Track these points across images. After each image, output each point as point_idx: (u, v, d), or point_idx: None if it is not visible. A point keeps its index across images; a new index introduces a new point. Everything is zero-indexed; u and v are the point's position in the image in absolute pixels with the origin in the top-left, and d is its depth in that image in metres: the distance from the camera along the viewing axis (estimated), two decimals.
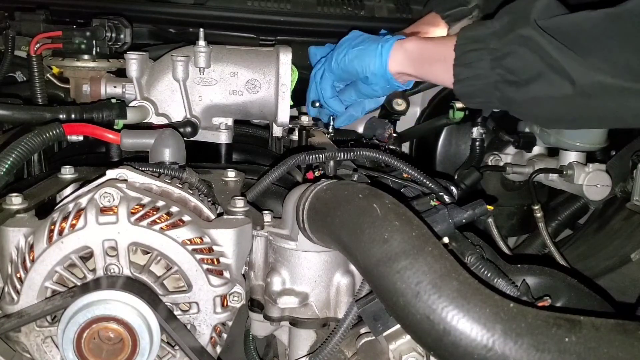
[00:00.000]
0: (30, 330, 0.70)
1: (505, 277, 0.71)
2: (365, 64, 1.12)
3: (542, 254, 1.54)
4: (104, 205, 0.68)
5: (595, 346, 0.52)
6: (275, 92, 1.17)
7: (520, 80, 0.88)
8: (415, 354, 0.70)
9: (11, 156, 0.75)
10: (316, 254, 0.79)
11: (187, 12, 1.45)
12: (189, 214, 0.73)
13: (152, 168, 0.81)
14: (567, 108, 0.88)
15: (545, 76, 0.85)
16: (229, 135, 1.18)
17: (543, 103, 0.88)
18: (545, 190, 1.57)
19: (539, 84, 0.86)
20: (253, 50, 1.19)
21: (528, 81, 0.87)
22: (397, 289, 0.55)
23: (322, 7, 1.50)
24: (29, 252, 0.68)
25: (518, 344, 0.51)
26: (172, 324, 0.68)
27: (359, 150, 0.89)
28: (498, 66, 0.89)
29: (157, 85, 1.14)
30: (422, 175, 0.87)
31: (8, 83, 1.33)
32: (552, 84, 0.84)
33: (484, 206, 0.74)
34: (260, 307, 0.82)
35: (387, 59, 1.09)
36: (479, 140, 1.48)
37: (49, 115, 0.95)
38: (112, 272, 0.69)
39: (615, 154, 1.47)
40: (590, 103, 0.84)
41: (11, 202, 0.74)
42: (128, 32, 1.23)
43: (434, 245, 0.58)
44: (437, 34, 1.31)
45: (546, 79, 0.85)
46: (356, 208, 0.64)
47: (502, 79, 0.90)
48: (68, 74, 1.18)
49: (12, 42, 1.24)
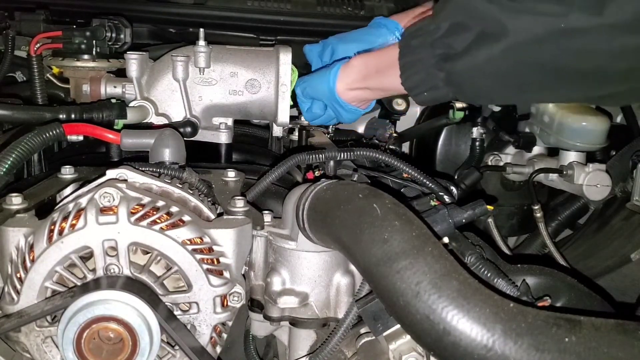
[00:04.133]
0: (30, 330, 0.70)
1: (505, 277, 0.71)
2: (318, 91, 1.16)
3: (542, 254, 1.54)
4: (104, 205, 0.68)
5: (595, 346, 0.52)
6: (275, 92, 1.17)
7: (458, 52, 0.84)
8: (415, 354, 0.70)
9: (11, 156, 0.76)
10: (316, 254, 0.79)
11: (187, 12, 1.45)
12: (189, 214, 0.73)
13: (152, 168, 0.81)
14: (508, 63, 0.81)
15: (482, 36, 0.81)
16: (229, 135, 1.18)
17: (484, 67, 0.83)
18: (545, 190, 1.57)
19: (477, 48, 0.81)
20: (253, 50, 1.19)
21: (467, 49, 0.83)
22: (397, 289, 0.55)
23: (322, 7, 1.50)
24: (29, 252, 0.68)
25: (518, 344, 0.51)
26: (172, 324, 0.68)
27: (359, 150, 0.89)
28: (438, 45, 0.86)
29: (157, 85, 1.14)
30: (422, 175, 0.87)
31: (8, 83, 1.33)
32: (489, 42, 0.80)
33: (484, 206, 0.74)
34: (260, 307, 0.82)
35: (335, 83, 1.12)
36: (479, 140, 1.48)
37: (49, 115, 0.95)
38: (112, 272, 0.69)
39: (615, 154, 1.47)
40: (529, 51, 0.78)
41: (11, 202, 0.74)
42: (128, 32, 1.23)
43: (434, 245, 0.58)
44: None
45: (483, 39, 0.81)
46: (356, 208, 0.64)
47: (443, 56, 0.87)
48: (68, 74, 1.18)
49: (12, 42, 1.24)
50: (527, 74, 0.83)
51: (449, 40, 0.85)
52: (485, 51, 0.81)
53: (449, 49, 0.85)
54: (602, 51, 0.75)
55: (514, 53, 0.79)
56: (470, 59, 0.83)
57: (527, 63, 0.81)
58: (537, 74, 0.83)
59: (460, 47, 0.84)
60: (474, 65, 0.83)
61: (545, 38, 0.76)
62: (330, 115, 1.22)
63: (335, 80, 1.12)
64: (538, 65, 0.80)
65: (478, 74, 0.85)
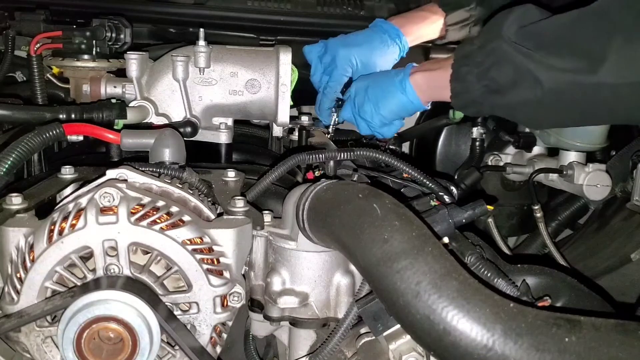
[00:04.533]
0: (30, 330, 0.70)
1: (505, 277, 0.71)
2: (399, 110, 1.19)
3: (542, 254, 1.54)
4: (104, 205, 0.68)
5: (595, 346, 0.52)
6: (275, 92, 1.17)
7: (501, 89, 0.95)
8: (415, 354, 0.70)
9: (11, 156, 0.75)
10: (316, 254, 0.79)
11: (187, 12, 1.45)
12: (189, 214, 0.73)
13: (152, 168, 0.81)
14: (542, 109, 0.93)
15: (519, 83, 0.91)
16: (229, 135, 1.18)
17: (522, 107, 0.95)
18: (545, 190, 1.57)
19: (515, 90, 0.92)
20: (253, 50, 1.19)
21: (507, 89, 0.94)
22: (397, 289, 0.55)
23: (322, 7, 1.50)
24: (29, 252, 0.68)
25: (518, 344, 0.51)
26: (172, 324, 0.68)
27: (359, 150, 0.90)
28: (483, 78, 0.96)
29: (157, 85, 1.14)
30: (422, 175, 0.87)
31: (8, 83, 1.33)
32: (525, 89, 0.91)
33: (484, 206, 0.74)
34: (260, 307, 0.82)
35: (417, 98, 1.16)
36: (479, 140, 1.48)
37: (49, 115, 0.95)
38: (112, 272, 0.69)
39: (615, 154, 1.47)
40: (560, 102, 0.90)
41: (11, 202, 0.74)
42: (128, 32, 1.23)
43: (434, 245, 0.58)
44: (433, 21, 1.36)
45: (519, 85, 0.91)
46: (356, 208, 0.64)
47: (488, 89, 0.97)
48: (68, 74, 1.18)
49: (12, 42, 1.24)
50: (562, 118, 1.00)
51: (492, 75, 0.95)
52: (523, 95, 0.91)
53: (493, 84, 0.95)
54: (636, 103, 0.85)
55: (548, 101, 0.89)
56: (511, 97, 0.94)
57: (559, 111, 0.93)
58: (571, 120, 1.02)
59: (502, 85, 0.94)
60: (514, 103, 0.94)
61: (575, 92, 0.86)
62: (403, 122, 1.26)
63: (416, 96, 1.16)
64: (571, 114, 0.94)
65: (517, 110, 0.97)
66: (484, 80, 0.96)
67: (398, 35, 1.30)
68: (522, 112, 0.97)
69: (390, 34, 1.29)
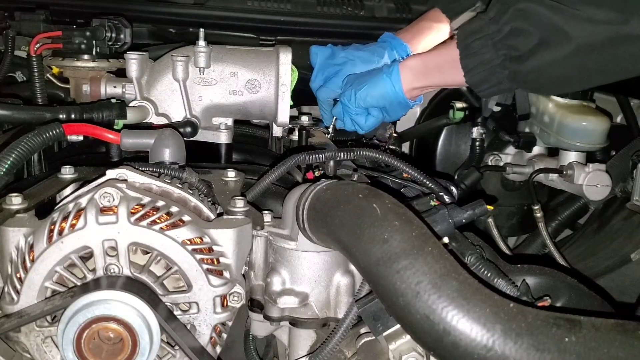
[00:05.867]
0: (30, 330, 0.70)
1: (505, 277, 0.71)
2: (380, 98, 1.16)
3: (542, 254, 1.54)
4: (104, 205, 0.68)
5: (595, 346, 0.52)
6: (275, 92, 1.17)
7: (523, 54, 0.92)
8: (415, 354, 0.70)
9: (11, 156, 0.75)
10: (316, 254, 0.79)
11: (187, 12, 1.45)
12: (189, 214, 0.73)
13: (152, 168, 0.81)
14: (571, 67, 0.90)
15: (545, 41, 0.88)
16: (229, 135, 1.18)
17: (548, 69, 0.92)
18: (545, 190, 1.57)
19: (541, 51, 0.89)
20: (253, 50, 1.19)
21: (531, 52, 0.91)
22: (397, 289, 0.55)
23: (322, 7, 1.50)
24: (29, 252, 0.68)
25: (518, 344, 0.51)
26: (172, 324, 0.68)
27: (359, 150, 0.90)
28: (501, 47, 0.94)
29: (157, 85, 1.14)
30: (422, 175, 0.87)
31: (8, 83, 1.33)
32: (552, 47, 0.88)
33: (484, 206, 0.74)
34: (260, 307, 0.82)
35: (400, 86, 1.13)
36: (479, 140, 1.48)
37: (49, 115, 0.95)
38: (112, 272, 0.69)
39: (615, 154, 1.47)
40: (590, 57, 0.87)
41: (11, 202, 0.74)
42: (128, 32, 1.23)
43: (434, 245, 0.58)
44: (439, 29, 1.33)
45: (546, 44, 0.88)
46: (356, 208, 0.64)
47: (507, 57, 0.94)
48: (68, 74, 1.18)
49: (12, 42, 1.24)
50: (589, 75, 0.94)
51: (511, 42, 0.92)
52: (549, 55, 0.89)
53: (513, 51, 0.93)
54: None
55: (577, 58, 0.87)
56: (535, 61, 0.91)
57: (588, 67, 0.90)
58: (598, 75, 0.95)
59: (524, 49, 0.91)
60: (538, 67, 0.91)
61: (606, 44, 0.84)
62: (381, 117, 1.23)
63: (400, 83, 1.13)
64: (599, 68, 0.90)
65: (542, 74, 0.94)
66: (503, 49, 0.94)
67: (406, 53, 1.28)
68: (547, 74, 0.94)
69: (398, 51, 1.28)
